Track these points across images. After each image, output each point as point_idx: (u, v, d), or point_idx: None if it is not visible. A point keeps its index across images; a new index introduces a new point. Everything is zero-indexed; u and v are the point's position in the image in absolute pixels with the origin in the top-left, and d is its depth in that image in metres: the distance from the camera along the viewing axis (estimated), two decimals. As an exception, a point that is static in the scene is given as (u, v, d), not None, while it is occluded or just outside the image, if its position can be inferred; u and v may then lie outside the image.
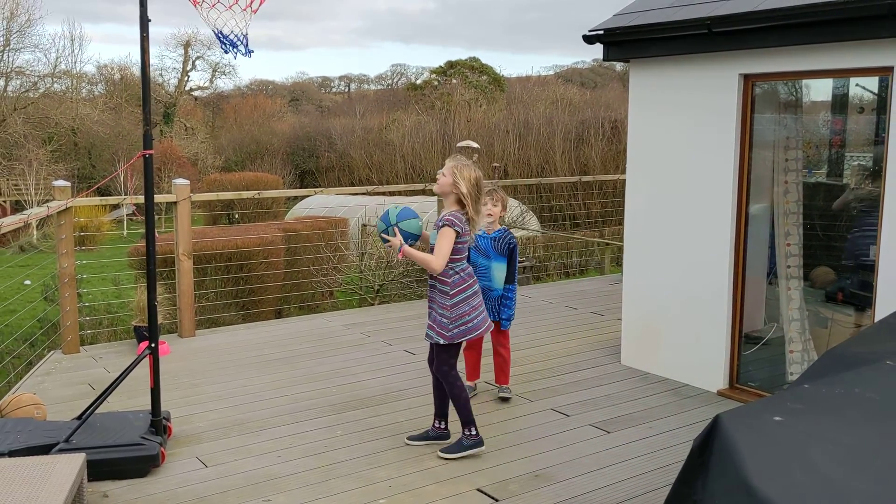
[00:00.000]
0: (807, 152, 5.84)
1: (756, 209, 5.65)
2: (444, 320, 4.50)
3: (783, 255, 5.58)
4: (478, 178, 4.51)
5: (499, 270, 5.37)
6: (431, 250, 4.50)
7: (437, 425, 4.85)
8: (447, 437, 4.81)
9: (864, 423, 2.92)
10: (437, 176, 4.59)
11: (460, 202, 4.50)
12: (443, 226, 4.44)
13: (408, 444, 4.80)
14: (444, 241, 4.42)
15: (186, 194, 7.10)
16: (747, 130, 5.41)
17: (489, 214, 5.27)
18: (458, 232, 4.44)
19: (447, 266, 4.47)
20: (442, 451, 4.68)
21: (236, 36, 4.07)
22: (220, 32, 4.03)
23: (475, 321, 4.55)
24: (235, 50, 4.04)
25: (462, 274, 4.54)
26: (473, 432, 4.66)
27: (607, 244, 14.28)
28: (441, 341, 4.51)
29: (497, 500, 4.14)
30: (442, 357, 4.59)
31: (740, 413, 3.10)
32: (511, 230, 5.55)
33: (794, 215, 5.53)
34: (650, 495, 4.17)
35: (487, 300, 5.24)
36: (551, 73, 58.07)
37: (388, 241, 4.50)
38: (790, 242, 5.54)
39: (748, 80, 5.37)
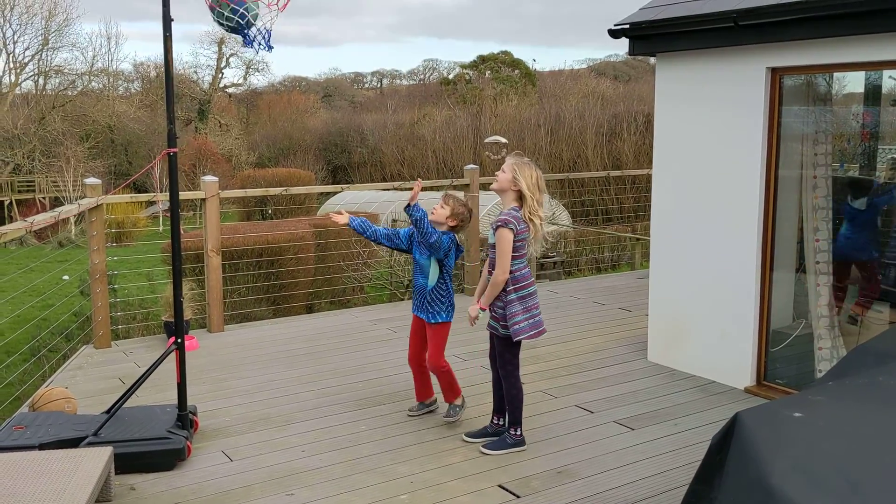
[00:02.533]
0: (837, 146, 5.75)
1: (785, 205, 5.57)
2: (512, 317, 4.46)
3: (812, 250, 5.49)
4: (538, 176, 4.44)
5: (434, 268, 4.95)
6: (492, 246, 4.47)
7: (495, 421, 4.85)
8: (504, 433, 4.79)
9: (885, 412, 2.88)
10: (496, 173, 4.49)
11: (519, 199, 4.44)
12: (497, 227, 4.38)
13: (465, 442, 4.79)
14: (504, 245, 4.36)
15: (215, 191, 7.17)
16: (775, 124, 5.33)
17: (432, 212, 4.91)
18: (512, 230, 4.37)
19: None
20: (484, 447, 4.67)
21: (259, 31, 4.10)
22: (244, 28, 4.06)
23: (528, 321, 4.49)
24: (257, 45, 4.07)
25: (516, 273, 4.47)
26: (519, 432, 4.68)
27: (638, 239, 14.18)
28: (509, 335, 4.48)
29: (518, 497, 4.14)
30: (506, 356, 4.59)
31: (760, 411, 3.08)
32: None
33: (824, 210, 5.44)
34: (674, 493, 4.14)
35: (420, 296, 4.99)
36: (584, 66, 57.67)
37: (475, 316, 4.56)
38: (819, 238, 5.45)
39: (776, 74, 5.29)
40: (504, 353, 4.60)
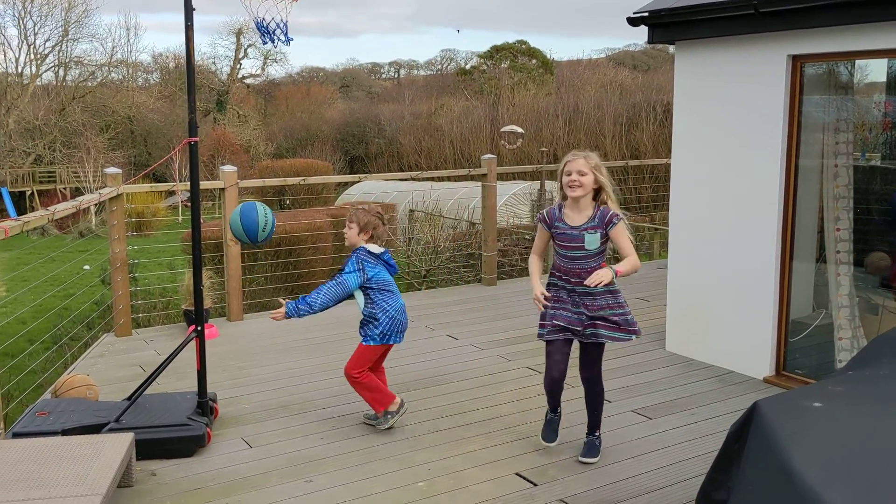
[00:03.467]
0: (859, 135, 5.69)
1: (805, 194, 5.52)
2: (630, 316, 4.29)
3: (832, 240, 5.45)
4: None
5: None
6: (590, 254, 4.17)
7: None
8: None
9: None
10: (571, 181, 4.09)
11: (595, 196, 4.17)
12: (619, 221, 4.12)
13: (581, 463, 4.41)
14: (629, 235, 4.17)
15: (234, 181, 7.21)
16: (795, 113, 5.29)
17: (345, 236, 4.83)
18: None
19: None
20: (583, 457, 4.40)
21: (277, 24, 4.11)
22: (260, 22, 4.09)
23: None
24: (276, 38, 4.09)
25: None
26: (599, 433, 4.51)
27: (656, 229, 14.12)
28: (633, 337, 4.32)
29: (536, 485, 4.15)
30: (601, 359, 4.39)
31: (779, 400, 3.07)
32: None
33: (844, 199, 5.39)
34: (690, 482, 4.13)
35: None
36: (603, 56, 57.38)
37: (593, 281, 4.08)
38: (840, 227, 5.41)
39: (797, 61, 5.25)
40: (600, 354, 4.40)
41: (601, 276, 4.02)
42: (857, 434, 2.73)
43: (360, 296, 4.76)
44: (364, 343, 4.77)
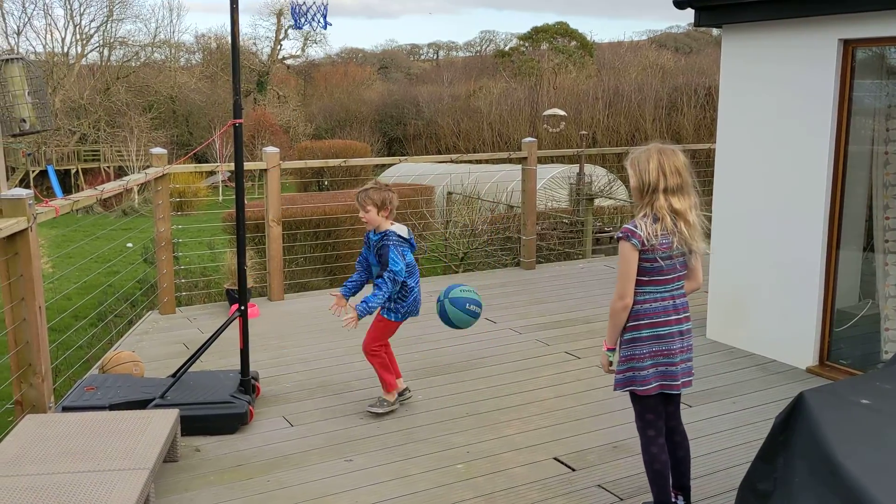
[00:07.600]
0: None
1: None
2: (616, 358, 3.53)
3: (881, 228, 5.34)
4: (665, 163, 3.41)
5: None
6: None
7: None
8: None
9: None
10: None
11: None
12: (618, 239, 3.41)
13: None
14: (621, 263, 3.37)
15: (276, 162, 7.27)
16: (846, 99, 5.18)
17: (364, 221, 4.77)
18: (635, 247, 3.32)
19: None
20: None
21: (317, 8, 4.12)
22: (296, 7, 4.09)
23: (641, 373, 3.44)
24: (313, 22, 4.10)
25: (643, 305, 3.41)
26: None
27: (697, 215, 13.94)
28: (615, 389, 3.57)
29: (574, 470, 4.16)
30: (635, 408, 3.61)
31: (825, 392, 3.03)
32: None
33: (894, 188, 5.28)
34: (731, 471, 4.11)
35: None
36: (644, 38, 56.64)
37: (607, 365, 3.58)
38: (889, 216, 5.30)
39: (848, 46, 5.13)
40: (632, 402, 3.71)
41: (603, 362, 3.62)
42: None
43: None
44: (385, 317, 4.76)
